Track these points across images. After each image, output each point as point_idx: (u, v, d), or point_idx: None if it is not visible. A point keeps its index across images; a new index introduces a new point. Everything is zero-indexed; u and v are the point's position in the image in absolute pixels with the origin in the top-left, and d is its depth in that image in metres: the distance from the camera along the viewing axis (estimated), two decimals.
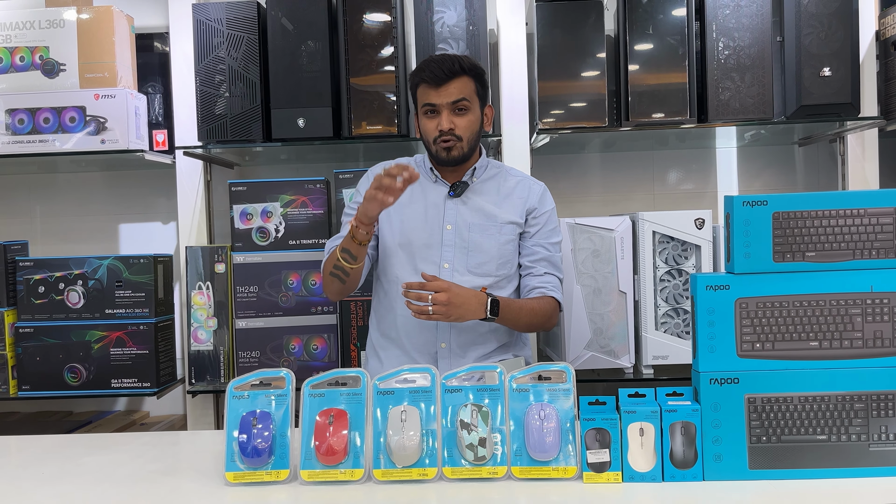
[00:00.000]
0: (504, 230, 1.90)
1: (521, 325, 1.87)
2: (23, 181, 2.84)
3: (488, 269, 1.89)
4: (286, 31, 2.34)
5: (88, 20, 2.40)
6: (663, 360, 2.25)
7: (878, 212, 1.35)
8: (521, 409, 1.38)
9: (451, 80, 1.82)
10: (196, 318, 2.43)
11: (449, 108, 1.83)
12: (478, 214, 1.91)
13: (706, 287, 1.37)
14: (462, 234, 1.89)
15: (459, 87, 1.82)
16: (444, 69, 1.80)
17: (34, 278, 2.40)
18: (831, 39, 2.28)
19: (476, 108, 1.87)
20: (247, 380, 1.43)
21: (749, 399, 1.35)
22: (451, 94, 1.82)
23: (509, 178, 1.97)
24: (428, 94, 1.83)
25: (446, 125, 1.82)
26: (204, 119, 2.36)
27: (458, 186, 1.91)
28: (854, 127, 2.42)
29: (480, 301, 1.75)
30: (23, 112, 2.40)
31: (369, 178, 1.96)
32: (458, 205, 1.91)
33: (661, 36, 2.32)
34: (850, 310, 1.35)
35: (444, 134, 1.83)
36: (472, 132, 1.87)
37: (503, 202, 1.93)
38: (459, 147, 1.85)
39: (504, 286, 1.92)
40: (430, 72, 1.81)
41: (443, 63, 1.81)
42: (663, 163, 2.78)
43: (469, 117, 1.85)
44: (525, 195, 1.94)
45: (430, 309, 1.70)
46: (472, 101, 1.85)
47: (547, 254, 1.93)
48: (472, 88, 1.85)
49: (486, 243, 1.89)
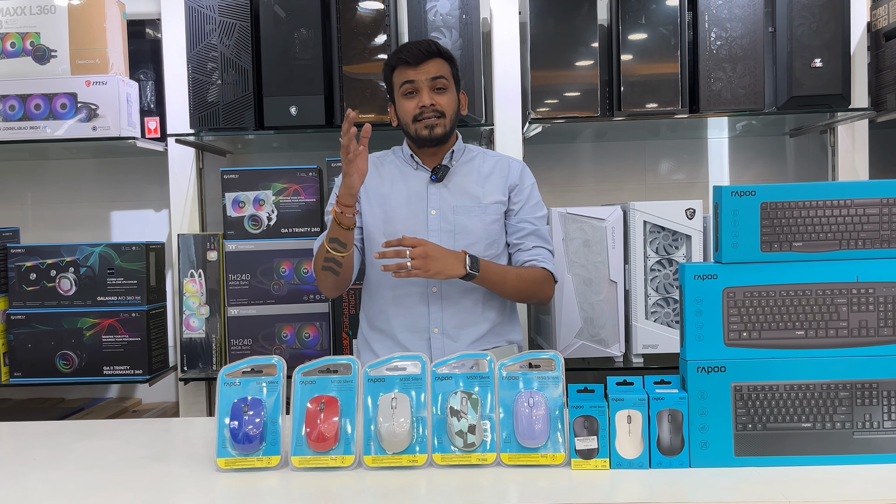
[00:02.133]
0: (489, 210, 1.92)
1: (509, 290, 1.88)
2: (14, 168, 2.83)
3: (476, 251, 1.90)
4: (279, 19, 2.34)
5: (80, 6, 2.39)
6: (653, 349, 2.26)
7: (865, 202, 1.36)
8: (511, 396, 1.39)
9: (429, 60, 1.85)
10: (188, 305, 2.44)
11: (428, 86, 1.85)
12: (461, 197, 1.92)
13: (694, 276, 1.38)
14: (447, 217, 1.90)
15: (437, 66, 1.86)
16: (421, 49, 1.85)
17: (25, 265, 2.39)
18: (823, 31, 2.29)
19: (453, 90, 1.90)
20: (238, 367, 1.43)
21: (735, 387, 1.36)
22: (430, 72, 1.85)
23: (488, 159, 1.99)
24: (406, 72, 1.86)
25: (428, 100, 1.85)
26: (196, 106, 2.36)
27: (440, 170, 1.92)
28: (844, 118, 2.43)
29: (458, 257, 1.78)
30: (13, 98, 2.39)
31: None
32: (441, 189, 1.92)
33: (654, 26, 2.32)
34: (835, 299, 1.36)
35: (427, 110, 1.85)
36: (453, 111, 1.89)
37: (485, 182, 1.94)
38: (443, 124, 1.87)
39: None
40: (408, 52, 1.85)
41: (419, 44, 1.86)
42: (655, 153, 2.79)
43: (448, 95, 1.88)
44: (505, 173, 1.96)
45: (408, 264, 1.72)
46: (450, 81, 1.89)
47: (534, 228, 1.94)
48: (448, 70, 1.89)
49: (472, 225, 1.90)
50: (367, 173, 1.79)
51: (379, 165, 1.98)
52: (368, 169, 1.78)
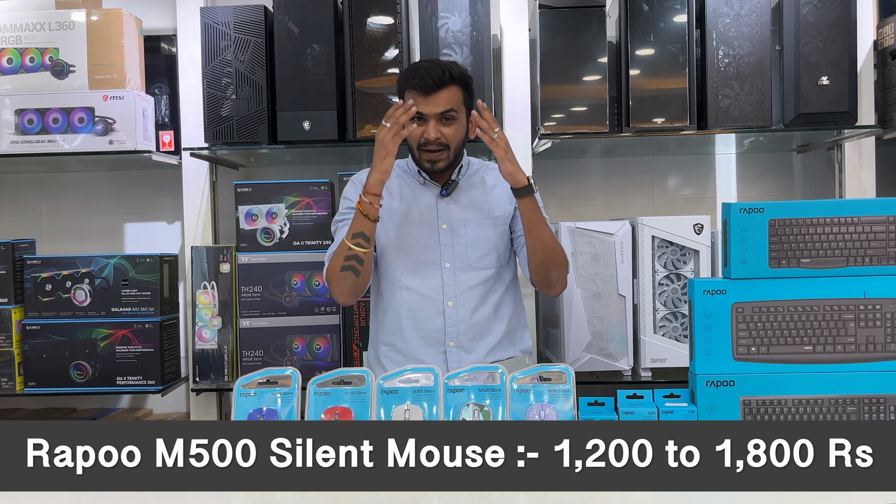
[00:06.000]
0: (498, 222, 1.95)
1: (547, 235, 1.84)
2: (30, 180, 2.88)
3: (489, 262, 1.92)
4: (292, 35, 2.38)
5: (98, 22, 2.43)
6: (661, 363, 2.28)
7: (872, 220, 1.38)
8: (522, 409, 1.41)
9: (441, 90, 1.81)
10: (201, 317, 2.47)
11: (437, 118, 1.83)
12: (470, 210, 1.94)
13: (703, 291, 1.40)
14: (458, 231, 1.93)
15: (448, 96, 1.83)
16: (434, 77, 1.80)
17: (42, 276, 2.43)
18: (829, 49, 2.32)
19: (462, 118, 1.87)
20: (254, 378, 1.46)
21: (744, 401, 1.38)
22: (440, 104, 1.82)
23: (491, 172, 2.01)
24: (417, 100, 1.82)
25: (433, 134, 1.83)
26: (210, 121, 2.39)
27: (450, 185, 1.94)
28: (851, 135, 2.45)
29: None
30: (32, 112, 2.43)
31: (355, 183, 1.97)
32: (450, 203, 1.95)
33: (662, 43, 2.35)
34: (843, 315, 1.38)
35: (430, 143, 1.84)
36: (458, 140, 1.88)
37: (491, 194, 1.97)
38: (445, 157, 1.87)
39: (504, 276, 1.97)
40: (420, 79, 1.81)
41: (433, 71, 1.81)
42: (663, 168, 2.81)
43: (456, 126, 1.86)
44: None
45: (496, 133, 1.76)
46: (460, 110, 1.86)
47: None
48: (460, 98, 1.85)
49: (484, 237, 1.93)
50: None
51: (385, 181, 1.99)
52: None
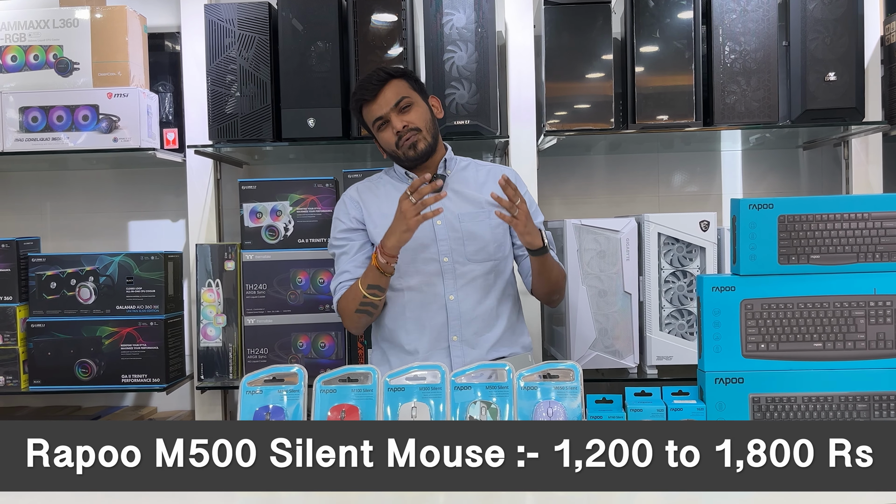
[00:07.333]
0: (493, 214, 1.93)
1: (555, 273, 1.92)
2: (34, 178, 2.87)
3: (486, 255, 1.93)
4: (296, 32, 2.37)
5: (102, 20, 2.43)
6: (667, 361, 2.27)
7: (883, 216, 1.37)
8: (529, 406, 1.41)
9: (383, 87, 1.88)
10: (205, 314, 2.46)
11: (395, 112, 1.88)
12: (463, 204, 1.95)
13: (712, 288, 1.40)
14: (453, 225, 1.93)
15: (393, 90, 1.88)
16: (372, 81, 1.88)
17: (46, 274, 2.43)
18: (836, 45, 2.30)
19: (420, 102, 1.92)
20: (260, 375, 1.45)
21: (753, 399, 1.37)
22: (389, 99, 1.88)
23: (481, 168, 2.03)
24: (370, 109, 1.90)
25: (398, 124, 1.87)
26: (215, 118, 2.39)
27: (438, 178, 1.94)
28: (858, 131, 2.44)
29: (538, 232, 1.84)
30: (36, 110, 2.43)
31: (345, 202, 2.01)
32: (442, 199, 1.94)
33: (668, 39, 2.34)
34: (853, 312, 1.38)
35: (402, 132, 1.88)
36: (426, 121, 1.91)
37: (482, 188, 1.97)
38: (423, 139, 1.90)
39: (503, 269, 1.97)
40: (363, 89, 1.89)
41: (370, 78, 1.89)
42: (669, 165, 2.80)
43: (416, 109, 1.90)
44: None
45: (516, 211, 1.76)
46: (412, 96, 1.90)
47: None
48: (407, 86, 1.91)
49: (479, 229, 1.93)
50: (365, 197, 1.95)
51: (374, 188, 2.01)
52: (365, 193, 1.95)
